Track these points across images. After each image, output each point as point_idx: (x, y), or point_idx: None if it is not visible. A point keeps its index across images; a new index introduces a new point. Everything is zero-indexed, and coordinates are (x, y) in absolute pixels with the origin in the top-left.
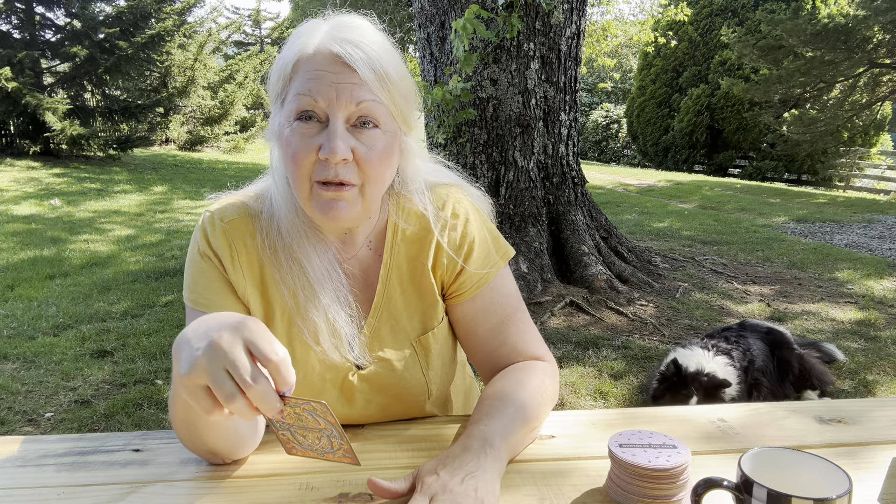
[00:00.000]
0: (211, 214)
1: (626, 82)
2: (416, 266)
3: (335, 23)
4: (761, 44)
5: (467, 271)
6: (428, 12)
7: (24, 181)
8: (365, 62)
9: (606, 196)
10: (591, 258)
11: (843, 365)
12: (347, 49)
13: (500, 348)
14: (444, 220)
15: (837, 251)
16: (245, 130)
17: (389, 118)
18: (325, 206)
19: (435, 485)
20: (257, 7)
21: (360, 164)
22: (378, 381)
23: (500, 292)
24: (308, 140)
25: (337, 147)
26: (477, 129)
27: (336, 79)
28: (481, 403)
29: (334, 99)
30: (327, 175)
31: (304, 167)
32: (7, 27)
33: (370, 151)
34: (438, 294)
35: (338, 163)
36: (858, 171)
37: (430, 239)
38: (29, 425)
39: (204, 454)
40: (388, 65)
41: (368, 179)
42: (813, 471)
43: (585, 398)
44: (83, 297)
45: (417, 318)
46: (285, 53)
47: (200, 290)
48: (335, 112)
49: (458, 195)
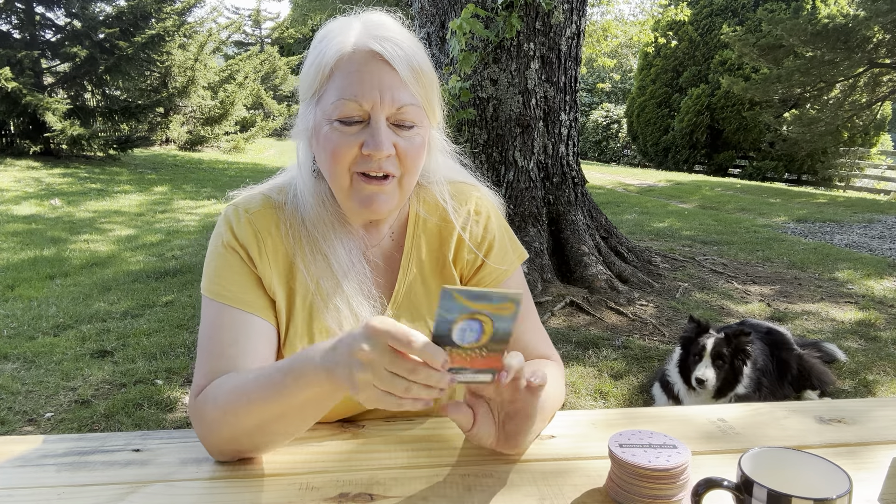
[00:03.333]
0: (235, 207)
1: (626, 82)
2: (438, 257)
3: (367, 20)
4: (761, 43)
5: (487, 266)
6: (428, 12)
7: (24, 181)
8: (404, 60)
9: (606, 196)
10: (591, 258)
11: (844, 365)
12: (387, 47)
13: (512, 346)
14: (467, 215)
15: (837, 251)
16: (245, 130)
17: (423, 116)
18: (366, 200)
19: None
20: (257, 7)
21: (400, 157)
22: None
23: (515, 290)
24: (350, 137)
25: (382, 143)
26: (477, 129)
27: (378, 80)
28: None
29: (378, 101)
30: (370, 168)
31: (345, 161)
32: (7, 27)
33: (410, 145)
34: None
35: (381, 158)
36: (858, 171)
37: (451, 231)
38: (29, 425)
39: (241, 451)
40: (422, 60)
41: (407, 171)
42: (813, 471)
43: (585, 398)
44: (83, 297)
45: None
46: (323, 51)
47: (225, 283)
48: (378, 113)
49: (478, 193)
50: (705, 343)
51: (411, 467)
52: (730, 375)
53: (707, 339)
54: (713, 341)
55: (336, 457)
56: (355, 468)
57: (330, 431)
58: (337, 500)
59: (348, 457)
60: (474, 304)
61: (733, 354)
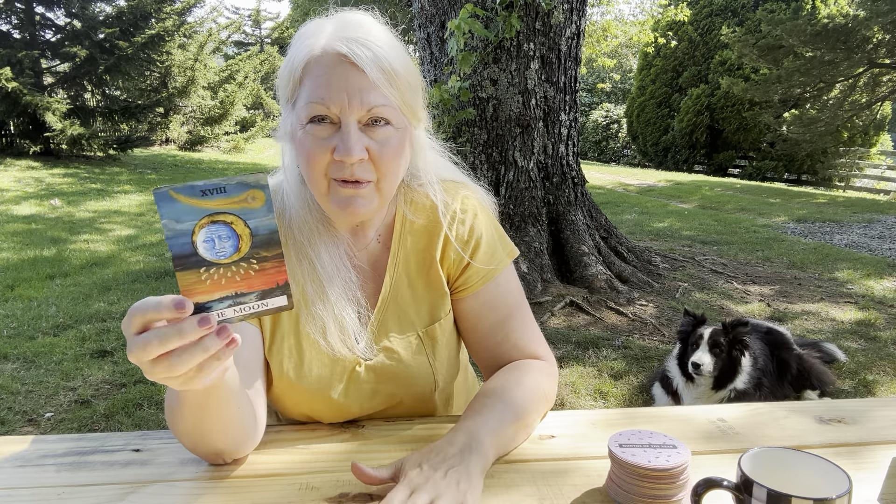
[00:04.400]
0: None
1: (626, 82)
2: (425, 258)
3: (339, 21)
4: (761, 44)
5: (473, 266)
6: (428, 12)
7: (24, 181)
8: (373, 61)
9: (606, 196)
10: (591, 258)
11: (843, 365)
12: (354, 48)
13: (502, 344)
14: (453, 214)
15: (837, 251)
16: (245, 130)
17: (399, 115)
18: (343, 202)
19: (417, 478)
20: (257, 7)
21: (374, 161)
22: (385, 371)
23: (504, 289)
24: (322, 141)
25: (352, 149)
26: (477, 129)
27: (346, 83)
28: (474, 401)
29: (346, 104)
30: (343, 174)
31: (320, 166)
32: (7, 27)
33: (384, 148)
34: (446, 286)
35: (353, 163)
36: (858, 171)
37: (438, 231)
38: (29, 425)
39: (208, 455)
40: (395, 60)
41: (384, 175)
42: (813, 471)
43: (585, 398)
44: (83, 297)
45: (425, 309)
46: (293, 55)
47: None
48: (347, 116)
49: (466, 192)
50: (703, 332)
51: None
52: (727, 366)
53: (704, 330)
54: (711, 331)
55: (336, 457)
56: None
57: (330, 431)
58: (337, 500)
59: (348, 457)
60: (207, 203)
61: (731, 344)
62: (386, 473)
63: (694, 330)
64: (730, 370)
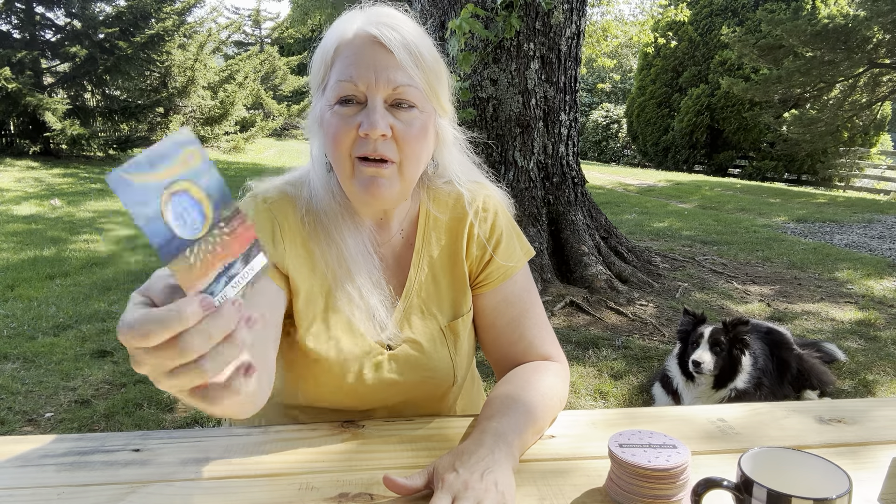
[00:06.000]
0: (253, 197)
1: (626, 82)
2: (450, 254)
3: (370, 11)
4: (761, 44)
5: (494, 262)
6: (428, 12)
7: (24, 181)
8: (401, 43)
9: (606, 196)
10: (591, 258)
11: (843, 365)
12: (384, 31)
13: (518, 343)
14: (476, 211)
15: (837, 251)
16: (245, 130)
17: (424, 100)
18: (366, 182)
19: (456, 483)
20: (257, 7)
21: (398, 140)
22: (408, 361)
23: (521, 287)
24: (348, 119)
25: (376, 122)
26: (477, 129)
27: (374, 61)
28: (492, 402)
29: (373, 82)
30: (367, 150)
31: (345, 145)
32: (7, 27)
33: (408, 129)
34: (468, 282)
35: (377, 138)
36: (858, 171)
37: (463, 228)
38: (29, 425)
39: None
40: (422, 46)
41: (406, 157)
42: (813, 471)
43: (585, 398)
44: (83, 297)
45: (448, 304)
46: (325, 42)
47: None
48: (374, 93)
49: (486, 191)
50: (703, 331)
51: (412, 467)
52: (728, 364)
53: (705, 328)
54: (711, 329)
55: (336, 457)
56: (355, 468)
57: (330, 431)
58: (337, 500)
59: (348, 457)
60: (158, 175)
61: (731, 343)
62: (419, 481)
63: (694, 329)
64: (730, 369)
